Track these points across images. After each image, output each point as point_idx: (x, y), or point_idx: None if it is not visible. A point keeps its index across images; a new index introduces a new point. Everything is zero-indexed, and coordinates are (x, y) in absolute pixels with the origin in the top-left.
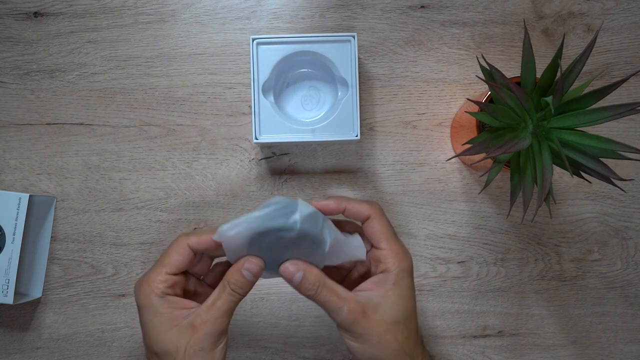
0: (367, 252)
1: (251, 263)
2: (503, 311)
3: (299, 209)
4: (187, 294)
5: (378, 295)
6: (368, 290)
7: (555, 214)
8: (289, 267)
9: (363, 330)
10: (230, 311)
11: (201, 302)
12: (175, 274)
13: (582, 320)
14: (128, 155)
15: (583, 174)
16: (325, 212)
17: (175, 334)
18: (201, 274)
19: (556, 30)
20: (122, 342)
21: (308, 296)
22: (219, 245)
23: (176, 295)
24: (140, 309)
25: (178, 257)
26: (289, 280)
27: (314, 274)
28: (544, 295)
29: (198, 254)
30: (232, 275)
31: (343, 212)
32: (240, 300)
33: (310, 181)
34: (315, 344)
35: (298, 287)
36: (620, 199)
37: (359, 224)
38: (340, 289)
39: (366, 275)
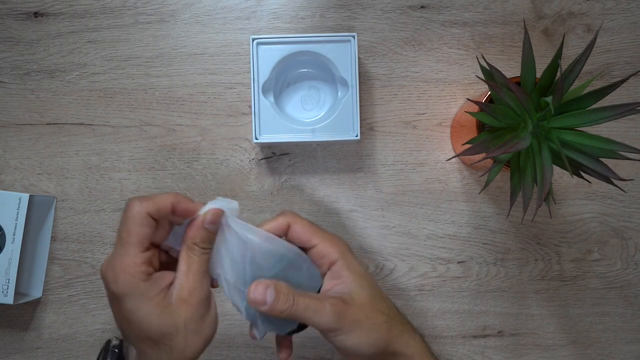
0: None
1: (212, 215)
2: (503, 311)
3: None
4: (161, 266)
5: (343, 284)
6: (331, 287)
7: (555, 214)
8: (256, 287)
9: (352, 319)
10: (207, 268)
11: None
12: (148, 250)
13: (582, 320)
14: (128, 155)
15: (583, 174)
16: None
17: (170, 314)
18: (160, 242)
19: (556, 30)
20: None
21: (285, 311)
22: (175, 211)
23: (156, 270)
24: (120, 298)
25: (145, 230)
26: (261, 302)
27: (284, 285)
28: (543, 295)
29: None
30: (196, 234)
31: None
32: (210, 254)
33: (310, 181)
34: (315, 343)
35: (273, 305)
36: (620, 199)
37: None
38: (311, 293)
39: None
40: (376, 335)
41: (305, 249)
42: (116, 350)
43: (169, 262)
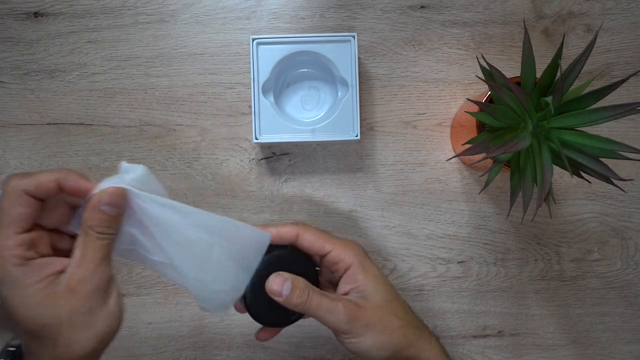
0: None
1: (109, 195)
2: (503, 311)
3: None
4: (61, 253)
5: (359, 287)
6: (347, 291)
7: (555, 214)
8: (275, 279)
9: (365, 322)
10: (107, 256)
11: None
12: (28, 231)
13: (582, 320)
14: (128, 155)
15: (583, 174)
16: (276, 242)
17: (51, 304)
18: (61, 225)
19: (556, 30)
20: (122, 342)
21: (299, 305)
22: (64, 190)
23: (43, 256)
24: None
25: (21, 210)
26: (277, 293)
27: (301, 281)
28: (543, 295)
29: (47, 201)
30: (91, 217)
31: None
32: (114, 239)
33: (310, 181)
34: (315, 344)
35: (289, 298)
36: (620, 199)
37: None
38: (326, 292)
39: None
40: (389, 339)
41: (320, 258)
42: (12, 349)
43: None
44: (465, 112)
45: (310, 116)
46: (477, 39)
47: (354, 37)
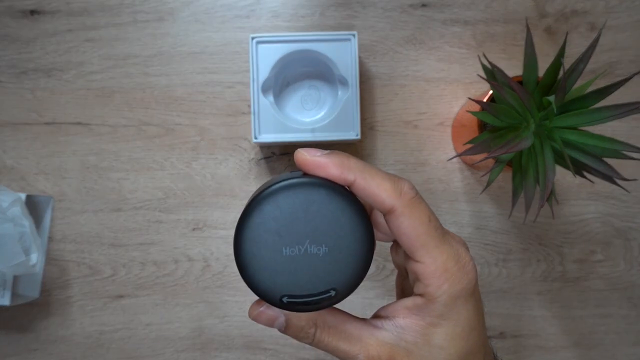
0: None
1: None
2: (505, 312)
3: None
4: None
5: (414, 333)
6: (398, 317)
7: (557, 214)
8: (260, 312)
9: None
10: None
11: None
12: None
13: (585, 322)
14: (126, 155)
15: (586, 173)
16: (313, 171)
17: None
18: None
19: (559, 29)
20: (120, 344)
21: (303, 342)
22: None
23: None
24: None
25: None
26: (266, 325)
27: (305, 315)
28: (546, 297)
29: None
30: None
31: (350, 186)
32: None
33: None
34: None
35: (284, 332)
36: (624, 199)
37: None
38: (350, 325)
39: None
40: None
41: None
42: None
43: None
44: (467, 111)
45: (310, 116)
46: (478, 37)
47: (354, 35)
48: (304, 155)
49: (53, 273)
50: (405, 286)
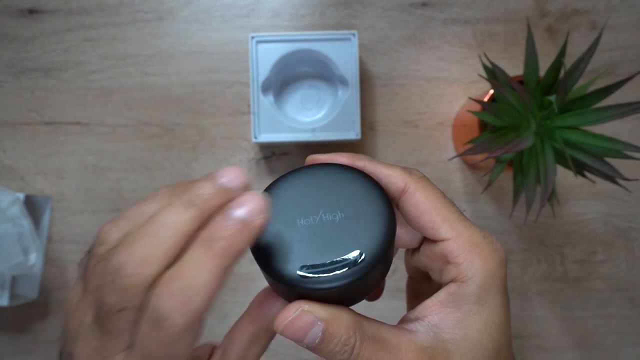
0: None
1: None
2: None
3: None
4: None
5: (450, 329)
6: (430, 315)
7: (558, 214)
8: (287, 312)
9: None
10: None
11: None
12: None
13: (586, 323)
14: (125, 155)
15: (587, 173)
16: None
17: None
18: None
19: (560, 28)
20: None
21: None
22: None
23: None
24: None
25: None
26: (296, 340)
27: (344, 322)
28: (547, 297)
29: None
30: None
31: None
32: None
33: None
34: None
35: (316, 348)
36: (625, 199)
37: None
38: (388, 333)
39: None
40: None
41: (422, 240)
42: None
43: None
44: (468, 111)
45: (310, 115)
46: (479, 37)
47: (354, 35)
48: (314, 155)
49: (52, 273)
50: (420, 290)
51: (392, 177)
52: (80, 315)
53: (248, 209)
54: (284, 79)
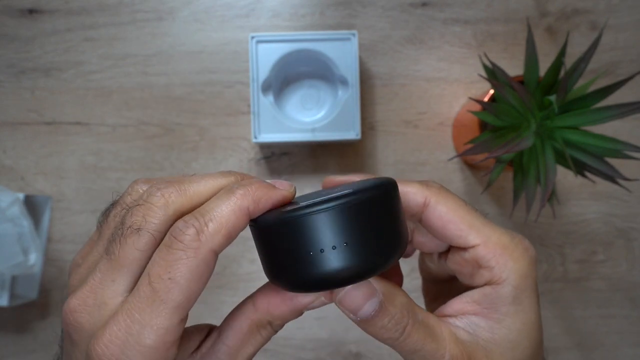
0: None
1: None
2: None
3: None
4: None
5: (490, 327)
6: (468, 313)
7: (558, 214)
8: (354, 290)
9: None
10: None
11: None
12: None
13: (586, 323)
14: (125, 155)
15: (587, 173)
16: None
17: None
18: None
19: (560, 28)
20: None
21: (386, 340)
22: None
23: None
24: None
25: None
26: (352, 308)
27: (400, 296)
28: (547, 297)
29: None
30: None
31: None
32: None
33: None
34: (315, 346)
35: (369, 322)
36: (625, 199)
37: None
38: (433, 321)
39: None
40: None
41: (447, 249)
42: None
43: None
44: (468, 111)
45: (310, 115)
46: (479, 37)
47: (354, 35)
48: (331, 177)
49: (52, 273)
50: (439, 292)
51: (410, 193)
52: (87, 266)
53: (279, 183)
54: (284, 79)
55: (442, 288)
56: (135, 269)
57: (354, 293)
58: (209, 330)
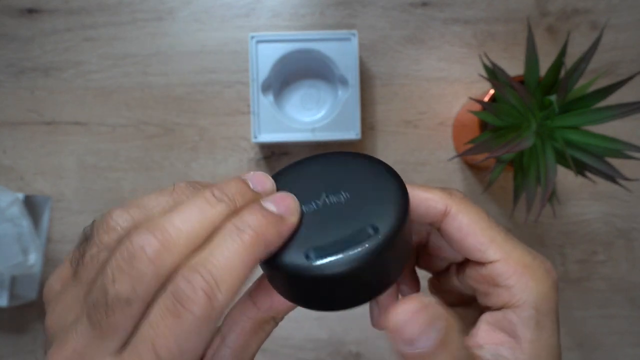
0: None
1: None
2: None
3: None
4: None
5: (514, 357)
6: (492, 342)
7: (559, 214)
8: (406, 306)
9: None
10: None
11: None
12: None
13: (587, 323)
14: (125, 155)
15: (587, 173)
16: None
17: None
18: None
19: (560, 28)
20: None
21: None
22: None
23: None
24: None
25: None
26: (407, 340)
27: (457, 325)
28: None
29: None
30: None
31: None
32: None
33: None
34: (315, 346)
35: (434, 350)
36: (626, 199)
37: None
38: (472, 352)
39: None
40: None
41: (464, 262)
42: None
43: None
44: (468, 111)
45: (310, 115)
46: (479, 37)
47: (354, 35)
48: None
49: (51, 274)
50: None
51: (431, 200)
52: (64, 308)
53: (282, 205)
54: (284, 79)
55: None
56: (126, 332)
57: (418, 318)
58: None
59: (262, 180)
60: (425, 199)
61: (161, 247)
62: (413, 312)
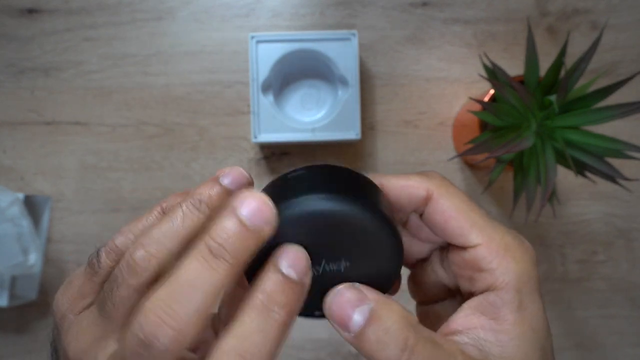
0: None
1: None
2: None
3: None
4: None
5: (500, 341)
6: (474, 327)
7: (559, 214)
8: (340, 295)
9: None
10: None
11: None
12: None
13: (587, 323)
14: (125, 155)
15: (587, 173)
16: None
17: None
18: None
19: (560, 28)
20: None
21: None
22: None
23: None
24: None
25: None
26: (343, 324)
27: (396, 310)
28: (547, 297)
29: None
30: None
31: None
32: None
33: None
34: (315, 346)
35: (363, 337)
36: (626, 199)
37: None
38: (439, 338)
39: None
40: None
41: (447, 247)
42: None
43: None
44: (468, 111)
45: (310, 115)
46: (479, 37)
47: (354, 35)
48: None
49: (51, 274)
50: (434, 314)
51: (412, 187)
52: (87, 324)
53: (299, 268)
54: (284, 79)
55: (434, 310)
56: None
57: (342, 298)
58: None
59: (237, 175)
60: (404, 186)
61: (177, 335)
62: (338, 295)
